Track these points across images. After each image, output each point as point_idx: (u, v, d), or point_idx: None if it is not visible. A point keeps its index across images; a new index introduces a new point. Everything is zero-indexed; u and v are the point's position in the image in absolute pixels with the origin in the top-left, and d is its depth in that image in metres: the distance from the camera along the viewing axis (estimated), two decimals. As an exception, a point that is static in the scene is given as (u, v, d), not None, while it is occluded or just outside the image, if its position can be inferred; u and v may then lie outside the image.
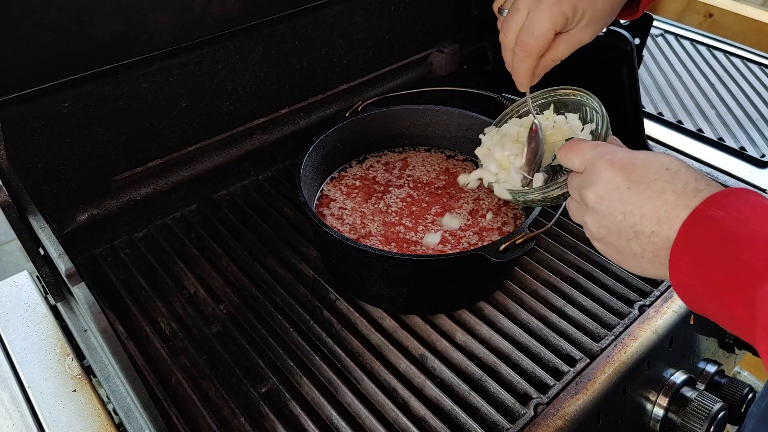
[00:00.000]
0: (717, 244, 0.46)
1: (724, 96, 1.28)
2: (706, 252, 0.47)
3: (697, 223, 0.48)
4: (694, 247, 0.48)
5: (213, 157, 0.98)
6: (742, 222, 0.45)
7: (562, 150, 0.62)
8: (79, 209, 0.87)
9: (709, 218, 0.47)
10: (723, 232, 0.46)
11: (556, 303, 0.85)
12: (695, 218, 0.48)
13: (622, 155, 0.56)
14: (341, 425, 0.71)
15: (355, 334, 0.81)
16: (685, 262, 0.48)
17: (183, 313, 0.85)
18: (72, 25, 0.76)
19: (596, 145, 0.59)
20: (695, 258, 0.47)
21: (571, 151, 0.60)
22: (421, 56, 1.21)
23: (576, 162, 0.60)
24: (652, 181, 0.52)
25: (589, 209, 0.57)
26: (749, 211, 0.46)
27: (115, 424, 0.71)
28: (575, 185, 0.60)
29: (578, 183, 0.59)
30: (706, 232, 0.47)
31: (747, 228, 0.45)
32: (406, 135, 1.03)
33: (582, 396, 0.73)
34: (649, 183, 0.52)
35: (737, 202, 0.47)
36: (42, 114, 0.80)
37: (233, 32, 0.94)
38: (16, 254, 2.24)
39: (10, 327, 0.82)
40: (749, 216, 0.45)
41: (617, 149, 0.57)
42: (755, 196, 0.48)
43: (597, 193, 0.55)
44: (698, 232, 0.48)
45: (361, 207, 0.92)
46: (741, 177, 1.07)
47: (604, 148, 0.58)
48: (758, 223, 0.45)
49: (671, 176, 0.51)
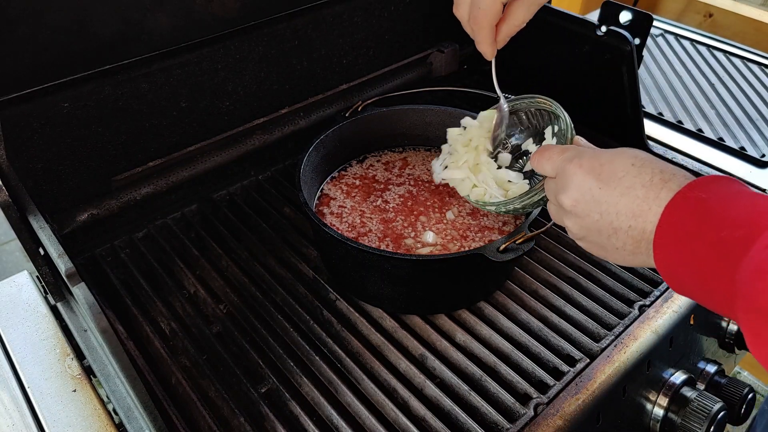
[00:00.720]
0: (698, 223, 0.48)
1: (724, 96, 1.28)
2: (687, 232, 0.48)
3: (680, 206, 0.50)
4: (676, 228, 0.49)
5: (213, 157, 0.98)
6: (721, 202, 0.47)
7: (534, 157, 0.64)
8: (79, 209, 0.87)
9: (693, 200, 0.49)
10: (704, 212, 0.48)
11: (556, 303, 0.85)
12: (678, 201, 0.50)
13: (589, 157, 0.58)
14: (341, 425, 0.71)
15: (355, 334, 0.81)
16: (668, 244, 0.50)
17: (183, 313, 0.85)
18: (72, 25, 0.76)
19: (564, 149, 0.62)
20: (677, 239, 0.49)
21: (542, 158, 0.63)
22: (421, 56, 1.21)
23: (548, 168, 0.62)
24: (620, 178, 0.54)
25: (567, 213, 0.60)
26: (729, 195, 0.48)
27: (115, 424, 0.72)
28: (551, 190, 0.63)
29: (553, 188, 0.62)
30: (689, 212, 0.49)
31: (726, 207, 0.47)
32: (406, 135, 1.03)
33: (582, 396, 0.73)
34: (618, 180, 0.54)
35: (718, 186, 0.49)
36: (42, 114, 0.80)
37: (233, 32, 0.94)
38: (16, 254, 2.25)
39: (10, 327, 0.82)
40: (729, 199, 0.47)
41: (584, 151, 0.59)
42: (737, 184, 0.50)
43: (571, 197, 0.58)
44: (681, 213, 0.49)
45: (361, 206, 0.92)
46: (741, 177, 1.07)
47: (571, 152, 0.60)
48: (737, 205, 0.46)
49: (638, 171, 0.54)
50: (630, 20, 1.01)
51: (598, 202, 0.55)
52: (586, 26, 1.00)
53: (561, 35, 1.04)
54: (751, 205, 0.46)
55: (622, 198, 0.53)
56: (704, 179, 0.50)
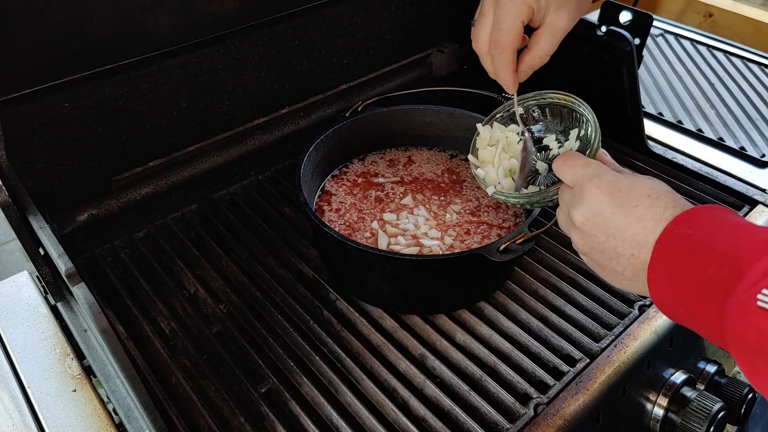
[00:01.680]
0: (686, 260, 0.50)
1: (724, 96, 1.28)
2: (677, 268, 0.51)
3: (668, 242, 0.52)
4: (667, 263, 0.52)
5: (213, 157, 0.98)
6: (705, 237, 0.49)
7: (557, 161, 0.65)
8: (79, 209, 0.87)
9: (678, 236, 0.51)
10: (690, 248, 0.50)
11: (556, 303, 0.85)
12: (666, 237, 0.52)
13: (608, 180, 0.59)
14: (341, 425, 0.71)
15: (355, 334, 0.81)
16: (660, 278, 0.52)
17: (183, 313, 0.85)
18: (72, 24, 0.76)
19: (587, 164, 0.63)
20: (669, 273, 0.52)
21: (565, 165, 0.64)
22: (421, 56, 1.21)
23: (568, 177, 0.64)
24: (634, 207, 0.55)
25: (575, 227, 0.61)
26: (712, 227, 0.50)
27: (115, 424, 0.72)
28: (565, 201, 0.64)
29: (567, 200, 0.63)
30: (676, 249, 0.51)
31: (711, 243, 0.49)
32: (406, 135, 1.03)
33: (582, 396, 0.73)
34: (631, 209, 0.55)
35: (702, 219, 0.51)
36: (42, 114, 0.80)
37: (233, 32, 0.94)
38: (16, 254, 2.24)
39: (10, 327, 0.82)
40: (712, 232, 0.49)
41: (605, 172, 0.60)
42: (718, 212, 0.52)
43: (583, 215, 0.59)
44: (670, 250, 0.52)
45: (361, 204, 0.92)
46: (741, 177, 1.07)
47: (593, 170, 0.61)
48: (721, 239, 0.49)
49: (652, 203, 0.55)
50: (630, 20, 1.01)
51: (608, 225, 0.57)
52: (586, 26, 1.00)
53: (561, 35, 1.04)
54: (733, 239, 0.48)
55: (631, 227, 0.55)
56: (688, 213, 0.52)
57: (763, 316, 0.42)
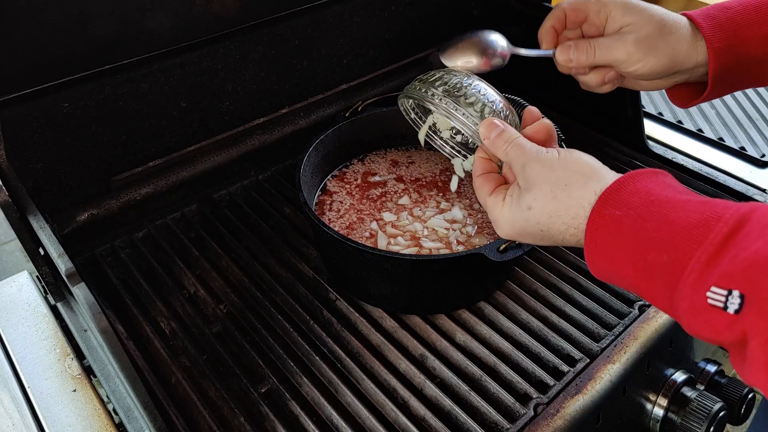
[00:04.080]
0: (621, 244, 0.48)
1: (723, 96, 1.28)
2: (613, 251, 0.49)
3: (598, 225, 0.50)
4: (601, 246, 0.50)
5: (213, 157, 0.98)
6: (636, 219, 0.47)
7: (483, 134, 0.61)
8: (79, 209, 0.87)
9: (608, 218, 0.49)
10: (622, 231, 0.48)
11: (556, 303, 0.85)
12: (595, 219, 0.50)
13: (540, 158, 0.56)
14: (341, 425, 0.71)
15: (355, 334, 0.81)
16: (600, 262, 0.51)
17: (183, 313, 0.85)
18: (72, 24, 0.76)
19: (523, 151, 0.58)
20: (606, 257, 0.50)
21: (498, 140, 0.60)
22: (421, 56, 1.21)
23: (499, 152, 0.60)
24: (565, 187, 0.53)
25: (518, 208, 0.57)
26: (640, 206, 0.48)
27: (115, 424, 0.72)
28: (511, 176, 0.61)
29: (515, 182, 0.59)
30: (609, 232, 0.49)
31: (642, 225, 0.47)
32: (406, 135, 1.03)
33: (582, 396, 0.73)
34: (562, 189, 0.53)
35: (628, 195, 0.49)
36: (42, 114, 0.80)
37: (233, 32, 0.94)
38: (16, 254, 2.24)
39: (10, 327, 0.82)
40: (641, 211, 0.47)
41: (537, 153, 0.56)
42: (642, 183, 0.49)
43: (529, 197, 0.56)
44: (601, 234, 0.50)
45: (361, 204, 0.92)
46: (741, 177, 1.07)
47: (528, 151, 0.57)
48: (651, 219, 0.47)
49: (582, 182, 0.52)
50: (630, 20, 1.01)
51: (546, 207, 0.54)
52: (586, 26, 1.00)
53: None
54: (665, 222, 0.46)
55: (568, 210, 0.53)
56: (613, 187, 0.50)
57: (716, 313, 0.41)
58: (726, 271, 0.41)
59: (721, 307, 0.41)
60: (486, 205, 0.61)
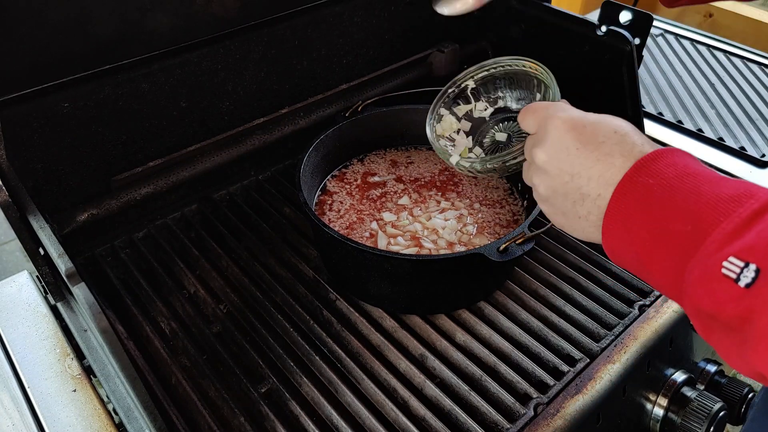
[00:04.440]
0: (645, 211, 0.47)
1: (724, 96, 1.28)
2: (635, 218, 0.48)
3: (628, 190, 0.49)
4: (625, 213, 0.49)
5: (213, 157, 0.98)
6: (667, 189, 0.46)
7: (521, 112, 0.62)
8: (79, 209, 0.87)
9: (640, 185, 0.48)
10: (651, 199, 0.47)
11: (556, 303, 0.85)
12: (626, 184, 0.49)
13: (573, 114, 0.56)
14: (341, 425, 0.71)
15: (355, 334, 0.81)
16: (616, 226, 0.49)
17: (183, 313, 0.85)
18: (72, 24, 0.76)
19: (549, 104, 0.59)
20: (625, 223, 0.49)
21: (528, 111, 0.61)
22: (421, 56, 1.21)
23: (531, 122, 0.60)
24: (600, 143, 0.52)
25: (538, 169, 0.57)
26: (674, 177, 0.47)
27: (115, 424, 0.71)
28: (528, 146, 0.60)
29: (530, 143, 0.59)
30: (636, 199, 0.48)
31: (672, 195, 0.46)
32: (406, 135, 1.03)
33: (582, 396, 0.73)
34: (598, 145, 0.52)
35: (664, 167, 0.48)
36: (42, 114, 0.80)
37: (233, 32, 0.94)
38: (16, 254, 2.24)
39: (10, 327, 0.82)
40: (674, 182, 0.47)
41: (570, 108, 0.57)
42: (680, 157, 0.49)
43: (546, 152, 0.55)
44: (629, 200, 0.49)
45: (361, 204, 0.92)
46: (741, 177, 1.07)
47: (556, 107, 0.58)
48: (683, 192, 0.46)
49: (620, 138, 0.51)
50: (630, 20, 1.01)
51: (572, 163, 0.53)
52: (586, 26, 1.00)
53: (561, 35, 1.04)
54: (696, 193, 0.45)
55: (598, 163, 0.51)
56: (649, 158, 0.49)
57: (726, 284, 0.40)
58: (748, 243, 0.40)
59: (734, 278, 0.40)
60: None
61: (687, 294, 0.44)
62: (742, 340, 0.40)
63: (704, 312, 0.43)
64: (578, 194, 0.53)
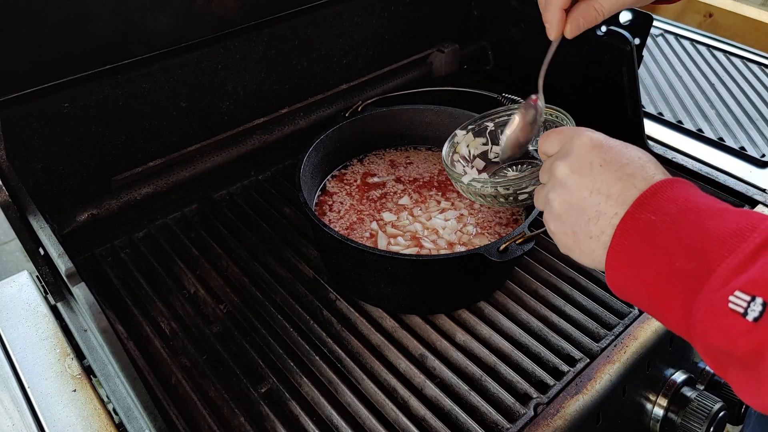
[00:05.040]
0: (650, 249, 0.47)
1: (724, 96, 1.28)
2: (639, 256, 0.48)
3: (631, 227, 0.49)
4: (629, 250, 0.49)
5: (213, 157, 0.98)
6: (671, 226, 0.47)
7: (544, 134, 0.62)
8: (79, 209, 0.87)
9: (643, 222, 0.48)
10: (655, 237, 0.47)
11: (556, 303, 0.85)
12: (628, 221, 0.49)
13: (599, 134, 0.57)
14: (341, 425, 0.71)
15: (355, 334, 0.81)
16: (620, 264, 0.50)
17: (183, 313, 0.85)
18: (72, 25, 0.76)
19: (574, 127, 0.61)
20: (630, 261, 0.49)
21: (552, 132, 0.61)
22: (421, 56, 1.21)
23: (554, 141, 0.60)
24: (624, 164, 0.52)
25: (557, 183, 0.57)
26: (676, 213, 0.47)
27: (115, 424, 0.71)
28: (546, 166, 0.61)
29: (549, 163, 0.60)
30: (640, 236, 0.48)
31: (677, 232, 0.46)
32: (406, 135, 1.03)
33: (582, 396, 0.73)
34: (621, 165, 0.52)
35: (665, 201, 0.48)
36: (42, 114, 0.80)
37: (233, 32, 0.94)
38: (16, 254, 2.24)
39: (10, 327, 0.82)
40: (677, 218, 0.47)
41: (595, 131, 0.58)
42: (681, 190, 0.49)
43: (569, 166, 0.56)
44: (632, 237, 0.49)
45: (361, 204, 0.92)
46: (741, 177, 1.07)
47: (582, 128, 0.59)
48: (687, 228, 0.46)
49: (642, 165, 0.52)
50: (630, 20, 1.01)
51: (594, 179, 0.53)
52: (586, 26, 1.00)
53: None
54: (700, 229, 0.45)
55: (619, 182, 0.51)
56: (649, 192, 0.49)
57: (734, 319, 0.40)
58: (753, 277, 0.40)
59: (741, 312, 0.39)
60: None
61: (696, 331, 0.44)
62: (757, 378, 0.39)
63: (716, 349, 0.42)
64: (594, 211, 0.53)
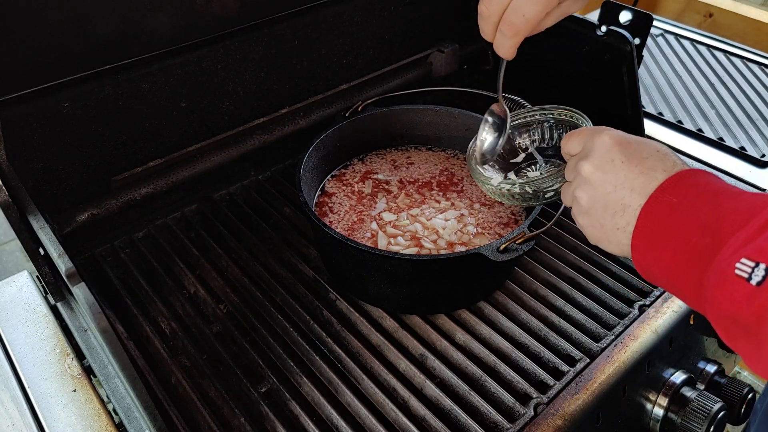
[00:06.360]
0: (669, 229, 0.51)
1: (724, 96, 1.28)
2: (660, 236, 0.52)
3: (653, 210, 0.53)
4: (650, 231, 0.52)
5: (213, 157, 0.98)
6: (689, 206, 0.50)
7: (566, 136, 0.65)
8: (79, 209, 0.87)
9: (664, 204, 0.52)
10: (674, 217, 0.51)
11: (556, 303, 0.85)
12: (651, 204, 0.53)
13: (619, 132, 0.60)
14: (341, 425, 0.71)
15: (355, 334, 0.81)
16: (644, 245, 0.53)
17: (183, 313, 0.85)
18: (72, 24, 0.76)
19: (594, 127, 0.64)
20: (652, 242, 0.52)
21: (573, 133, 0.65)
22: (421, 56, 1.21)
23: (576, 142, 0.63)
24: (644, 158, 0.55)
25: (582, 181, 0.60)
26: (696, 195, 0.51)
27: (115, 424, 0.72)
28: (571, 167, 0.64)
29: (574, 162, 0.63)
30: (661, 218, 0.52)
31: (695, 212, 0.49)
32: (406, 135, 1.03)
33: (582, 396, 0.73)
34: (642, 159, 0.55)
35: (686, 187, 0.52)
36: (42, 114, 0.80)
37: (233, 32, 0.94)
38: (16, 254, 2.24)
39: (10, 327, 0.82)
40: (696, 201, 0.50)
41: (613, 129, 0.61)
42: (703, 177, 0.52)
43: (592, 164, 0.59)
44: (654, 218, 0.52)
45: (361, 204, 0.92)
46: (741, 177, 1.07)
47: (602, 127, 0.62)
48: (704, 208, 0.49)
49: (662, 157, 0.55)
50: (630, 20, 1.01)
51: (617, 174, 0.56)
52: (586, 26, 1.00)
53: (561, 35, 1.04)
54: (715, 209, 0.48)
55: (641, 176, 0.54)
56: (674, 179, 0.53)
57: (739, 284, 0.42)
58: (760, 245, 0.42)
59: (746, 277, 0.42)
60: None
61: (707, 300, 0.46)
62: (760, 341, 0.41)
63: (724, 315, 0.44)
64: (619, 205, 0.55)
